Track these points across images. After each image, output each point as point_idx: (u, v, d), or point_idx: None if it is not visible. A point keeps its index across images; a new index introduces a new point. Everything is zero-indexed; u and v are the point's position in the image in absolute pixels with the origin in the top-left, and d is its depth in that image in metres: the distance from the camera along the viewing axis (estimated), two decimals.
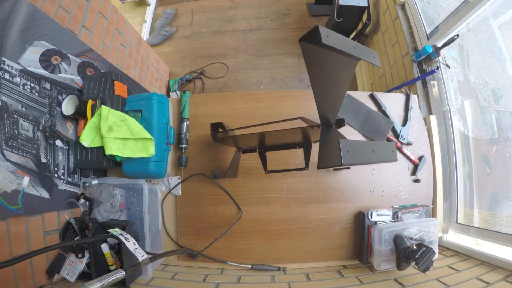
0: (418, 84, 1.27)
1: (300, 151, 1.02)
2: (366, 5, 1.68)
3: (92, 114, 0.94)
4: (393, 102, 1.10)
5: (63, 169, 0.92)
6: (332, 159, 0.46)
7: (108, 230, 0.77)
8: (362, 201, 1.01)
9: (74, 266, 0.86)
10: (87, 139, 0.92)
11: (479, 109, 1.17)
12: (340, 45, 0.44)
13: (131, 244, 0.72)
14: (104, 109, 0.93)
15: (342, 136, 0.57)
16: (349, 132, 1.05)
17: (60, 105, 0.92)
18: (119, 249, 0.87)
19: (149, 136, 0.92)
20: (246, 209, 1.01)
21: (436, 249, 0.87)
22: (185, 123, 1.05)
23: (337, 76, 0.53)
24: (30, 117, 0.81)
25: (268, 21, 2.22)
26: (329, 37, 0.42)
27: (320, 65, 0.50)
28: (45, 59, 0.87)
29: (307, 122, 0.67)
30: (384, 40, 1.63)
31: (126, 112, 0.97)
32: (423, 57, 1.26)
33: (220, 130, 0.88)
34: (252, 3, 2.31)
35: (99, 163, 0.93)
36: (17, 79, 0.78)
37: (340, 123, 0.69)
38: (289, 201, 1.01)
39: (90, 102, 0.95)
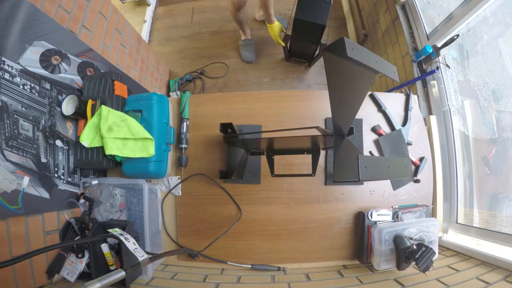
0: (418, 84, 1.27)
1: None
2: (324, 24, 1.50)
3: (92, 114, 0.94)
4: (393, 102, 1.10)
5: (63, 169, 0.92)
6: (349, 173, 0.47)
7: (108, 230, 0.77)
8: (362, 201, 1.01)
9: (74, 266, 0.86)
10: (87, 139, 0.92)
11: (479, 109, 1.17)
12: (363, 58, 0.45)
13: (131, 244, 0.72)
14: (104, 109, 0.93)
15: (354, 147, 0.58)
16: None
17: (60, 105, 0.92)
18: (119, 249, 0.87)
19: (149, 136, 0.92)
20: (246, 209, 1.01)
21: (436, 249, 0.87)
22: (185, 123, 1.05)
23: (356, 87, 0.54)
24: (30, 117, 0.81)
25: None
26: (354, 50, 0.43)
27: (340, 76, 0.51)
28: (45, 59, 0.88)
29: (321, 131, 0.67)
30: (384, 40, 1.63)
31: (126, 112, 0.97)
32: (423, 57, 1.26)
33: (229, 131, 0.88)
34: (252, 3, 2.30)
35: (99, 163, 0.93)
36: (17, 79, 0.78)
37: (351, 131, 0.69)
38: (289, 201, 1.01)
39: (90, 102, 0.95)
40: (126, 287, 0.76)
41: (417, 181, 1.03)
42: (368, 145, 1.04)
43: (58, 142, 0.90)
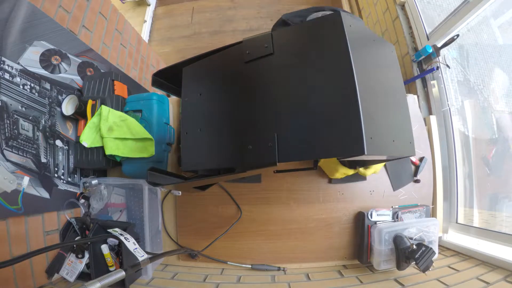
0: (418, 84, 1.27)
1: None
2: None
3: (92, 114, 0.94)
4: None
5: (63, 169, 0.92)
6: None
7: (108, 230, 0.77)
8: (362, 201, 1.01)
9: (74, 266, 0.86)
10: (88, 139, 0.92)
11: (479, 109, 1.17)
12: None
13: (131, 244, 0.72)
14: (104, 109, 0.93)
15: None
16: None
17: (60, 105, 0.92)
18: (118, 250, 0.87)
19: (149, 136, 0.92)
20: (246, 209, 1.01)
21: (436, 249, 0.87)
22: None
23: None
24: (30, 117, 0.81)
25: (268, 21, 2.22)
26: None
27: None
28: (45, 59, 0.88)
29: None
30: None
31: (126, 112, 0.97)
32: (423, 57, 1.26)
33: None
34: (252, 3, 2.31)
35: (99, 163, 0.93)
36: (17, 79, 0.78)
37: None
38: (289, 201, 1.01)
39: (90, 102, 0.95)
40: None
41: (417, 181, 1.03)
42: None
43: (58, 142, 0.90)
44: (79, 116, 0.95)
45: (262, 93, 0.55)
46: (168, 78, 0.81)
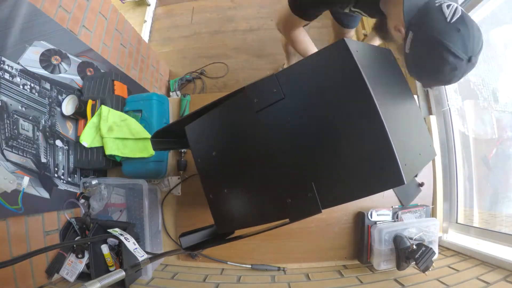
0: (418, 84, 1.27)
1: None
2: None
3: (92, 114, 0.94)
4: None
5: (63, 169, 0.92)
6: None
7: (108, 230, 0.77)
8: (362, 201, 1.00)
9: (74, 266, 0.87)
10: (87, 139, 0.92)
11: (479, 109, 1.17)
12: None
13: (131, 244, 0.72)
14: (104, 109, 0.93)
15: None
16: None
17: (60, 105, 0.92)
18: (118, 250, 0.87)
19: (149, 136, 0.92)
20: None
21: (436, 249, 0.87)
22: None
23: None
24: (30, 117, 0.81)
25: (268, 21, 2.22)
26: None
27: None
28: (45, 59, 0.88)
29: None
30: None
31: (126, 112, 0.97)
32: None
33: None
34: (252, 3, 2.30)
35: (99, 163, 0.93)
36: (17, 79, 0.78)
37: None
38: None
39: (90, 102, 0.95)
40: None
41: (421, 185, 1.03)
42: None
43: (58, 142, 0.90)
44: (79, 116, 0.95)
45: (285, 142, 0.51)
46: (169, 135, 0.74)
